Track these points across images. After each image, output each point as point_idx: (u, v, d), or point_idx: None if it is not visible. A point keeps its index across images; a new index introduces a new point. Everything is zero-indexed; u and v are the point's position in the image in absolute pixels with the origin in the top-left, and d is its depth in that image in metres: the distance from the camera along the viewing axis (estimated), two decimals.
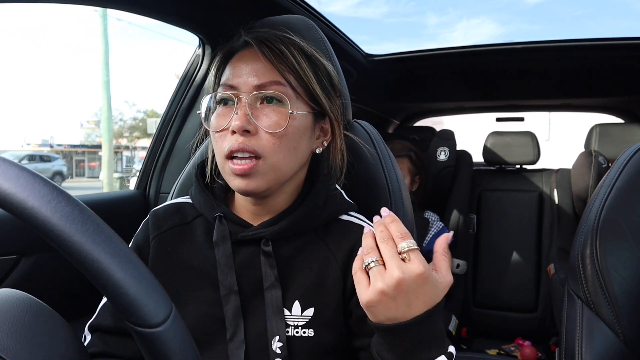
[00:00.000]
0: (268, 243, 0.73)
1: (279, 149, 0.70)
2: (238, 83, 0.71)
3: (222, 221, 0.75)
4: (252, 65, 0.72)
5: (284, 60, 0.72)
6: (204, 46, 1.54)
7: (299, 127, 0.72)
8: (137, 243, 0.80)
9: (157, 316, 0.35)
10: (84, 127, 26.39)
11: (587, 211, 0.88)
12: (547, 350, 2.32)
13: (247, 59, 0.73)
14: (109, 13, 11.82)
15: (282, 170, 0.72)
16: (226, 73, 0.75)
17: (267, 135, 0.69)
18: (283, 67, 0.71)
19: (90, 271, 0.33)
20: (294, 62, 0.72)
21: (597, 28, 34.09)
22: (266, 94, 0.71)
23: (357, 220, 0.79)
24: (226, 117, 0.71)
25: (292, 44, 0.74)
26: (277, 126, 0.69)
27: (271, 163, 0.70)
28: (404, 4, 41.33)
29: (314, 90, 0.74)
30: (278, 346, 0.69)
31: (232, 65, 0.75)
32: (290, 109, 0.71)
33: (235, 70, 0.73)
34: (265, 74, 0.71)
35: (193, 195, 0.81)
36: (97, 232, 0.33)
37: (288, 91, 0.71)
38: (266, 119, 0.70)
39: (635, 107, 2.81)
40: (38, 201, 0.32)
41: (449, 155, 2.47)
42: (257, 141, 0.69)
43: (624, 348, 0.79)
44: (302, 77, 0.73)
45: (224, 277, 0.72)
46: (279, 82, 0.71)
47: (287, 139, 0.71)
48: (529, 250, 2.52)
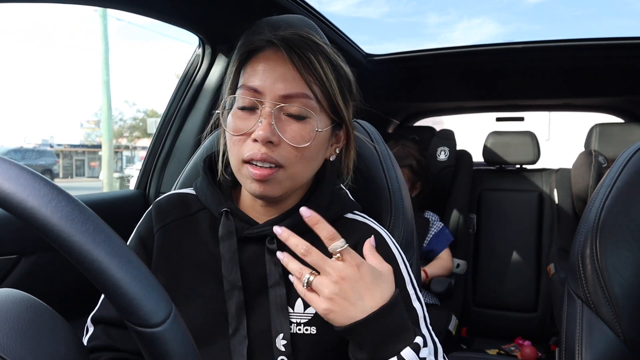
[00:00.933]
0: (273, 241, 0.73)
1: (300, 160, 0.70)
2: (263, 88, 0.69)
3: (229, 217, 0.75)
4: (279, 71, 0.70)
5: (312, 71, 0.70)
6: (204, 46, 1.54)
7: (320, 140, 0.73)
8: (140, 234, 0.80)
9: (157, 316, 0.35)
10: (84, 126, 26.38)
11: (587, 211, 0.88)
12: (547, 350, 2.32)
13: (273, 62, 0.71)
14: (109, 13, 11.82)
15: (298, 179, 0.73)
16: (249, 73, 0.72)
17: (290, 147, 0.69)
18: (311, 78, 0.70)
19: (90, 271, 0.33)
20: (322, 73, 0.71)
21: (597, 28, 34.14)
22: (292, 111, 0.69)
23: (361, 218, 0.80)
24: (247, 121, 0.70)
25: (319, 51, 0.72)
26: (301, 141, 0.69)
27: (290, 173, 0.70)
28: (405, 3, 41.37)
29: (337, 102, 0.74)
30: (282, 344, 0.69)
31: (255, 66, 0.72)
32: (317, 126, 0.71)
33: (259, 74, 0.71)
34: (293, 84, 0.69)
35: (199, 188, 0.81)
36: (97, 232, 0.33)
37: (313, 105, 0.71)
38: (291, 132, 0.69)
39: (635, 107, 2.80)
40: (38, 201, 0.32)
41: (449, 155, 2.47)
42: (279, 152, 0.68)
43: (624, 348, 0.79)
44: (328, 89, 0.72)
45: (228, 272, 0.72)
46: (306, 95, 0.70)
47: (309, 152, 0.71)
48: (529, 250, 2.53)
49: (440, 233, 2.22)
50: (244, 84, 0.72)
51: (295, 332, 0.70)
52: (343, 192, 0.82)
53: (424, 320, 0.72)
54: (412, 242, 0.96)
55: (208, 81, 1.58)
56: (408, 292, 0.73)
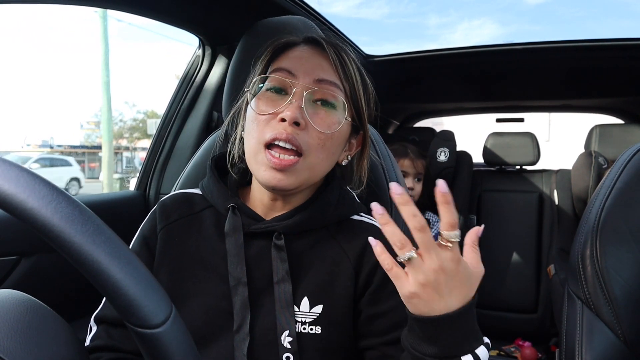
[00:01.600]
0: (280, 237, 0.73)
1: (322, 149, 0.71)
2: (298, 72, 0.71)
3: (236, 212, 0.75)
4: (315, 61, 0.73)
5: (345, 69, 0.73)
6: (204, 47, 1.54)
7: (342, 134, 0.74)
8: (143, 234, 0.80)
9: (157, 317, 0.35)
10: (84, 128, 26.38)
11: (587, 212, 0.88)
12: (547, 351, 2.32)
13: (308, 54, 0.74)
14: (109, 14, 11.83)
15: (315, 171, 0.73)
16: (283, 60, 0.74)
17: (315, 132, 0.70)
18: (344, 75, 0.73)
19: (90, 272, 0.33)
20: (352, 75, 0.74)
21: (598, 29, 34.13)
22: (323, 97, 0.71)
23: (368, 220, 0.80)
24: (276, 103, 0.71)
25: (350, 57, 0.76)
26: (327, 127, 0.70)
27: (310, 162, 0.70)
28: (405, 4, 41.36)
29: (361, 105, 0.76)
30: (288, 341, 0.69)
31: (290, 54, 0.75)
32: (344, 116, 0.72)
33: (295, 60, 0.73)
34: (328, 73, 0.72)
35: (205, 186, 0.81)
36: (97, 233, 0.33)
37: (342, 98, 0.73)
38: (318, 118, 0.70)
39: (635, 108, 2.81)
40: (38, 202, 0.32)
41: (449, 155, 2.47)
42: (304, 136, 0.69)
43: (624, 349, 0.79)
44: (355, 90, 0.75)
45: (233, 268, 0.71)
46: (337, 85, 0.72)
47: (331, 142, 0.72)
48: (529, 251, 2.52)
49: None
50: (278, 67, 0.73)
51: (300, 331, 0.70)
52: (351, 194, 0.82)
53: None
54: None
55: (208, 82, 1.58)
56: None
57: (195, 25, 1.41)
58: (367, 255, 0.74)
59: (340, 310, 0.72)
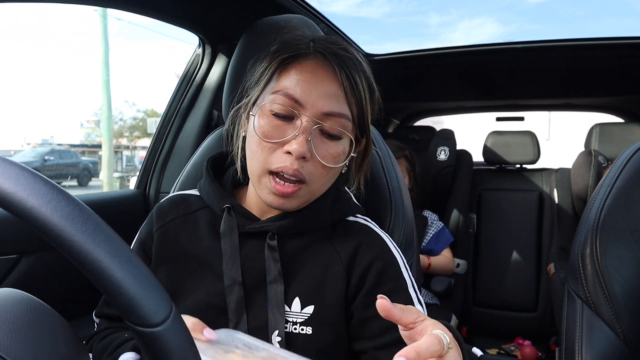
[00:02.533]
0: (274, 237, 0.73)
1: (324, 177, 0.71)
2: (305, 101, 0.68)
3: (231, 212, 0.75)
4: (325, 88, 0.69)
5: (355, 94, 0.70)
6: (204, 46, 1.54)
7: (345, 158, 0.74)
8: (141, 237, 0.81)
9: (157, 316, 0.35)
10: (84, 126, 26.35)
11: (587, 211, 0.88)
12: (547, 350, 2.32)
13: (320, 76, 0.69)
14: (109, 12, 11.82)
15: (317, 194, 0.74)
16: (290, 79, 0.70)
17: (319, 164, 0.69)
18: (353, 100, 0.70)
19: (90, 271, 0.33)
20: (362, 95, 0.72)
21: (599, 28, 34.07)
22: (329, 130, 0.69)
23: (363, 221, 0.80)
24: (281, 130, 0.68)
25: (361, 71, 0.72)
26: (332, 160, 0.70)
27: (312, 189, 0.71)
28: (406, 3, 41.30)
29: (367, 120, 0.75)
30: (277, 340, 0.69)
31: (299, 74, 0.70)
32: (348, 149, 0.72)
33: (303, 84, 0.69)
34: (337, 103, 0.69)
35: (202, 187, 0.82)
36: (97, 232, 0.33)
37: (349, 126, 0.71)
38: (324, 151, 0.69)
39: (635, 107, 2.80)
40: (38, 200, 0.32)
41: (449, 154, 2.47)
42: (308, 168, 0.69)
43: (624, 347, 0.79)
44: (364, 112, 0.73)
45: (228, 268, 0.72)
46: (346, 116, 0.70)
47: (334, 171, 0.73)
48: (529, 250, 2.53)
49: (440, 233, 2.22)
50: (284, 90, 0.69)
51: (290, 331, 0.70)
52: (348, 195, 0.82)
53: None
54: (412, 242, 0.96)
55: (208, 81, 1.58)
56: (410, 295, 0.72)
57: (195, 23, 1.41)
58: (360, 257, 0.74)
59: (332, 312, 0.72)
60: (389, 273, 0.73)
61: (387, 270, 0.73)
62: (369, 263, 0.73)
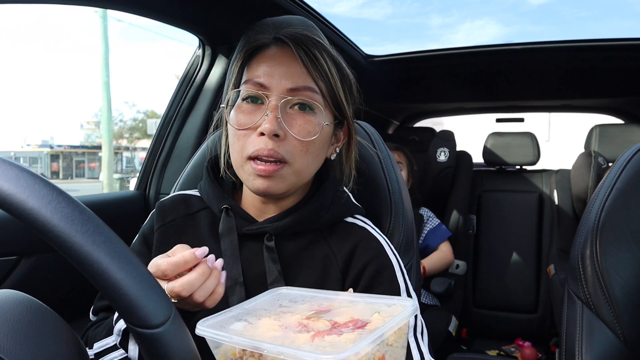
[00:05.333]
0: (271, 238, 0.73)
1: (305, 155, 0.71)
2: (270, 83, 0.70)
3: (229, 213, 0.75)
4: (285, 67, 0.71)
5: (318, 67, 0.71)
6: (204, 47, 1.54)
7: (325, 134, 0.73)
8: (143, 233, 0.81)
9: (157, 317, 0.34)
10: (84, 128, 26.37)
11: (587, 212, 0.88)
12: (547, 351, 2.32)
13: (279, 58, 0.72)
14: (110, 14, 11.83)
15: (303, 175, 0.73)
16: (255, 69, 0.72)
17: (296, 141, 0.69)
18: (317, 74, 0.71)
19: (90, 272, 0.33)
20: (327, 70, 0.72)
21: (600, 29, 34.09)
22: (299, 101, 0.70)
23: (360, 222, 0.79)
24: (252, 115, 0.70)
25: (324, 50, 0.73)
26: (307, 134, 0.70)
27: (295, 169, 0.71)
28: (408, 5, 41.29)
29: (341, 99, 0.74)
30: None
31: (261, 62, 0.72)
32: (324, 120, 0.71)
33: (266, 69, 0.71)
34: (300, 78, 0.70)
35: (202, 187, 0.82)
36: (97, 233, 0.33)
37: (319, 99, 0.71)
38: (297, 126, 0.70)
39: (635, 108, 2.80)
40: (38, 202, 0.32)
41: (449, 155, 2.47)
42: (285, 147, 0.69)
43: (624, 348, 0.78)
44: (332, 86, 0.73)
45: (229, 269, 0.72)
46: (312, 89, 0.71)
47: (314, 146, 0.72)
48: (529, 251, 2.52)
49: (435, 229, 2.21)
50: (249, 79, 0.72)
51: None
52: (345, 195, 0.81)
53: (413, 329, 0.70)
54: (412, 243, 0.96)
55: (208, 82, 1.58)
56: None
57: (195, 25, 1.41)
58: (355, 259, 0.74)
59: None
60: (383, 277, 0.72)
61: (381, 273, 0.72)
62: (364, 265, 0.73)
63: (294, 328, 0.49)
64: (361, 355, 0.43)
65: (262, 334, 0.49)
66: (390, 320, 0.48)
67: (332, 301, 0.57)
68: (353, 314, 0.52)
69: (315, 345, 0.45)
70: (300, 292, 0.61)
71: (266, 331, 0.49)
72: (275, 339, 0.46)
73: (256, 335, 0.48)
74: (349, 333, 0.47)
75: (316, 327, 0.49)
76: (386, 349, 0.48)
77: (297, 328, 0.49)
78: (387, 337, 0.47)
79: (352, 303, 0.56)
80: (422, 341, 0.70)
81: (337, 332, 0.48)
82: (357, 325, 0.49)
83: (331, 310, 0.54)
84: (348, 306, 0.55)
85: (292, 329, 0.49)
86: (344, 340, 0.45)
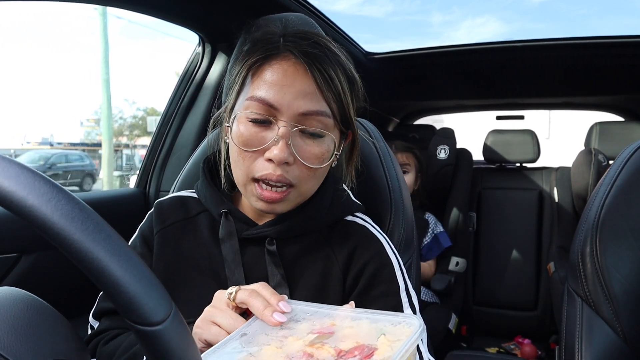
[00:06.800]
0: (272, 242, 0.72)
1: (312, 179, 0.70)
2: (280, 105, 0.65)
3: (229, 217, 0.75)
4: (298, 87, 0.66)
5: (332, 89, 0.68)
6: (204, 44, 1.54)
7: (331, 156, 0.71)
8: (143, 233, 0.80)
9: (157, 314, 0.34)
10: (84, 125, 26.33)
11: (587, 209, 0.88)
12: (547, 349, 2.33)
13: (292, 76, 0.66)
14: (109, 11, 11.81)
15: (307, 195, 0.73)
16: (262, 84, 0.67)
17: (304, 167, 0.68)
18: (330, 96, 0.68)
19: (90, 269, 0.33)
20: (340, 89, 0.69)
21: (601, 27, 33.98)
22: (309, 131, 0.67)
23: (360, 221, 0.79)
24: (260, 137, 0.66)
25: (337, 63, 0.69)
26: (316, 162, 0.68)
27: (302, 191, 0.70)
28: (409, 2, 41.19)
29: (350, 115, 0.72)
30: None
31: (270, 76, 0.67)
32: (332, 147, 0.69)
33: (276, 87, 0.66)
34: (313, 102, 0.66)
35: (199, 189, 0.81)
36: (97, 231, 0.33)
37: (330, 122, 0.69)
38: (306, 153, 0.67)
39: (636, 106, 2.80)
40: (38, 199, 0.32)
41: (449, 153, 2.47)
42: (293, 172, 0.67)
43: (624, 346, 0.79)
44: (344, 106, 0.70)
45: (231, 274, 0.71)
46: (324, 113, 0.67)
47: (321, 170, 0.71)
48: (529, 249, 2.53)
49: (433, 242, 2.20)
50: (257, 95, 0.67)
51: None
52: (345, 193, 0.81)
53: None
54: (412, 241, 0.96)
55: (208, 79, 1.57)
56: (401, 299, 0.71)
57: (195, 22, 1.40)
58: (355, 258, 0.73)
59: None
60: (383, 276, 0.72)
61: (381, 272, 0.72)
62: (364, 265, 0.72)
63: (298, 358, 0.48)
64: None
65: None
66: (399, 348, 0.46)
67: (333, 318, 0.55)
68: (357, 338, 0.50)
69: None
70: (299, 306, 0.59)
71: None
72: None
73: None
74: None
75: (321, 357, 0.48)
76: None
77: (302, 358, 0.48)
78: None
79: (354, 321, 0.54)
80: (421, 340, 0.70)
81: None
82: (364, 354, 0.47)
83: (334, 333, 0.52)
84: (351, 326, 0.53)
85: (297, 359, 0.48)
86: None
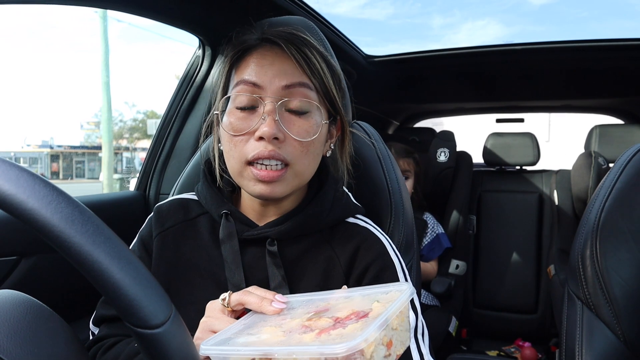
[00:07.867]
0: (273, 243, 0.72)
1: (306, 156, 0.70)
2: (263, 82, 0.69)
3: (229, 218, 0.75)
4: (278, 65, 0.70)
5: (310, 64, 0.71)
6: (204, 47, 1.54)
7: (322, 132, 0.73)
8: (142, 237, 0.80)
9: (157, 317, 0.34)
10: (84, 128, 26.36)
11: (587, 212, 0.88)
12: (547, 352, 2.32)
13: (270, 58, 0.70)
14: (110, 14, 11.83)
15: (304, 176, 0.73)
16: (245, 69, 0.71)
17: (296, 142, 0.69)
18: (310, 71, 0.71)
19: (90, 272, 0.33)
20: (318, 66, 0.72)
21: (602, 30, 34.12)
22: (294, 106, 0.69)
23: (362, 223, 0.79)
24: (248, 120, 0.69)
25: (312, 47, 0.73)
26: (307, 134, 0.69)
27: (297, 170, 0.70)
28: (410, 5, 41.26)
29: (334, 95, 0.74)
30: None
31: (251, 62, 0.71)
32: (320, 119, 0.71)
33: (258, 68, 0.70)
34: (294, 75, 0.70)
35: (199, 191, 0.81)
36: (97, 233, 0.33)
37: (314, 96, 0.71)
38: (296, 127, 0.69)
39: (635, 108, 2.80)
40: (38, 202, 0.32)
41: (449, 156, 2.47)
42: (285, 149, 0.68)
43: (624, 349, 0.78)
44: (325, 83, 0.72)
45: (231, 275, 0.71)
46: (307, 85, 0.70)
47: (314, 147, 0.71)
48: (529, 251, 2.52)
49: (434, 242, 2.20)
50: (240, 80, 0.70)
51: None
52: (345, 195, 0.81)
53: (414, 330, 0.70)
54: (412, 244, 0.96)
55: (208, 82, 1.58)
56: None
57: (195, 25, 1.41)
58: (358, 260, 0.73)
59: None
60: (385, 277, 0.72)
61: (384, 274, 0.72)
62: (366, 266, 0.73)
63: (297, 330, 0.49)
64: (370, 341, 0.43)
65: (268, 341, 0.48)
66: (391, 305, 0.49)
67: (328, 301, 0.57)
68: (353, 307, 0.52)
69: (323, 340, 0.45)
70: (294, 298, 0.60)
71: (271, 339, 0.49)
72: (282, 344, 0.46)
73: (262, 344, 0.48)
74: (353, 324, 0.47)
75: (319, 325, 0.49)
76: (392, 333, 0.49)
77: (300, 330, 0.49)
78: (391, 321, 0.48)
79: (348, 298, 0.56)
80: (422, 343, 0.70)
81: (341, 325, 0.48)
82: (360, 315, 0.49)
83: (330, 309, 0.54)
84: (345, 302, 0.55)
85: (296, 331, 0.49)
86: (351, 331, 0.46)
